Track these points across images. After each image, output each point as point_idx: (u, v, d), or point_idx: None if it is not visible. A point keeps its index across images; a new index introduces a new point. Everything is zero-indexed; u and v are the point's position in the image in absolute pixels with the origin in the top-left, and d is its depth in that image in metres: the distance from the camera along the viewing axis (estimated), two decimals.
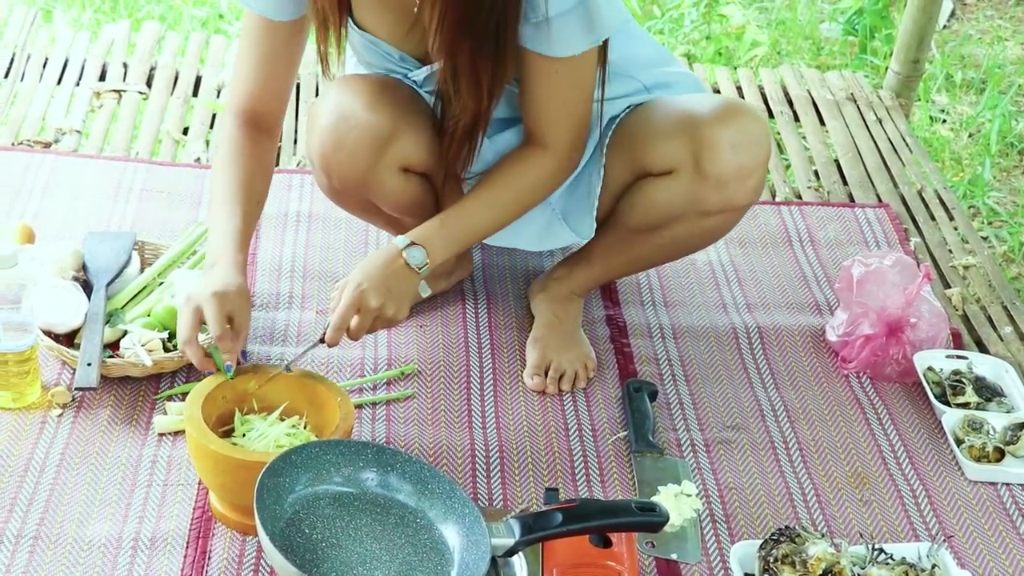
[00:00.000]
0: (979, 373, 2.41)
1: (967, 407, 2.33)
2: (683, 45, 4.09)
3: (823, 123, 3.45)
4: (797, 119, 3.48)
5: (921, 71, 3.59)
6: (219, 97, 3.28)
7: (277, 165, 2.67)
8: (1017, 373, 2.43)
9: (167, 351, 2.22)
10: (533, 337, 2.39)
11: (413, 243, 2.07)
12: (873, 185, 3.16)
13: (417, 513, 1.83)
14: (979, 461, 2.21)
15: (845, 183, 3.18)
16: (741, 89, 3.57)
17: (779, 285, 2.69)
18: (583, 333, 2.42)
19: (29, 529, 1.94)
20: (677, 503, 2.05)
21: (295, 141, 3.07)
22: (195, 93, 3.32)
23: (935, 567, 1.95)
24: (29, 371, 2.14)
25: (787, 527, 1.96)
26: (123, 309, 2.30)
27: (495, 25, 1.97)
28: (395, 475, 1.84)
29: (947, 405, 2.33)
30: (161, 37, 3.56)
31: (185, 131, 3.15)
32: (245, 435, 1.99)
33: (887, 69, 3.65)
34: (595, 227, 2.31)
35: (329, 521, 1.78)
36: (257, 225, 2.21)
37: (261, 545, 1.76)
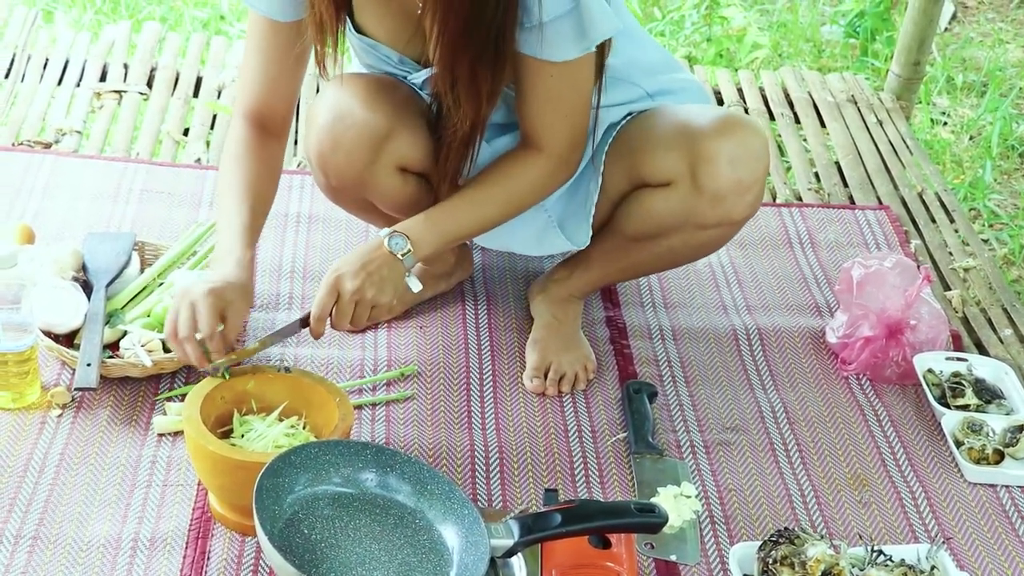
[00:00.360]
0: (979, 375, 2.40)
1: (967, 409, 2.33)
2: (684, 47, 4.08)
3: (824, 125, 3.45)
4: (798, 121, 3.48)
5: (922, 73, 3.59)
6: (220, 98, 3.28)
7: None
8: (1017, 375, 2.43)
9: (167, 352, 2.21)
10: (533, 339, 2.39)
11: (395, 232, 2.07)
12: (874, 187, 3.15)
13: (416, 514, 1.82)
14: (978, 463, 2.21)
15: (846, 185, 3.18)
16: (742, 91, 3.57)
17: (779, 287, 2.69)
18: (583, 335, 2.42)
19: (28, 529, 1.94)
20: (676, 504, 2.05)
21: (295, 142, 3.07)
22: (196, 94, 3.31)
23: (934, 569, 1.95)
24: (29, 371, 2.14)
25: (786, 528, 1.96)
26: (123, 310, 2.30)
27: (495, 33, 1.97)
28: (394, 476, 1.84)
29: (947, 407, 2.33)
30: (162, 38, 3.56)
31: (185, 132, 3.15)
32: (244, 436, 1.99)
33: (888, 71, 3.64)
34: (591, 235, 2.30)
35: (328, 522, 1.78)
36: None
37: (260, 546, 1.76)
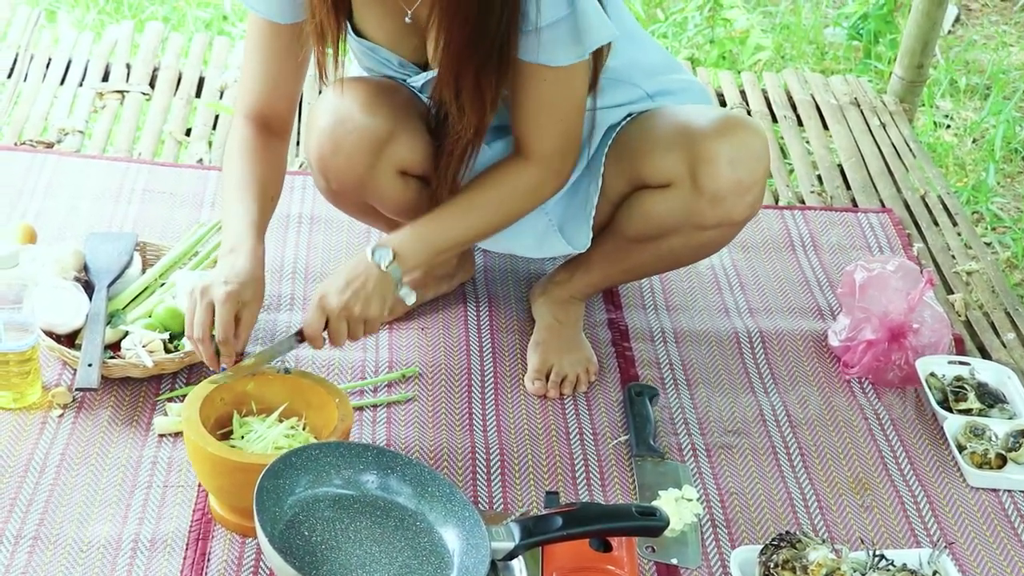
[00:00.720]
0: (981, 379, 2.40)
1: (969, 413, 2.32)
2: (687, 49, 4.08)
3: (827, 128, 3.45)
4: (801, 123, 3.47)
5: (925, 76, 3.59)
6: (222, 98, 3.28)
7: None
8: (1020, 379, 2.42)
9: (168, 352, 2.22)
10: (534, 341, 2.39)
11: (379, 245, 2.05)
12: (876, 190, 3.15)
13: (417, 516, 1.82)
14: (981, 468, 2.21)
15: (848, 188, 3.18)
16: (745, 93, 3.57)
17: (781, 290, 2.68)
18: (584, 337, 2.41)
19: (29, 529, 1.94)
20: (678, 508, 2.04)
21: (297, 143, 3.07)
22: (198, 94, 3.32)
23: (936, 573, 1.95)
24: (30, 371, 2.14)
25: (788, 532, 1.96)
26: (124, 310, 2.30)
27: (500, 41, 1.96)
28: (395, 478, 1.84)
29: (949, 411, 2.32)
30: (165, 38, 3.56)
31: (188, 132, 3.15)
32: (243, 437, 1.98)
33: (891, 74, 3.64)
34: (591, 237, 2.29)
35: (329, 524, 1.78)
36: None
37: (260, 547, 1.76)
